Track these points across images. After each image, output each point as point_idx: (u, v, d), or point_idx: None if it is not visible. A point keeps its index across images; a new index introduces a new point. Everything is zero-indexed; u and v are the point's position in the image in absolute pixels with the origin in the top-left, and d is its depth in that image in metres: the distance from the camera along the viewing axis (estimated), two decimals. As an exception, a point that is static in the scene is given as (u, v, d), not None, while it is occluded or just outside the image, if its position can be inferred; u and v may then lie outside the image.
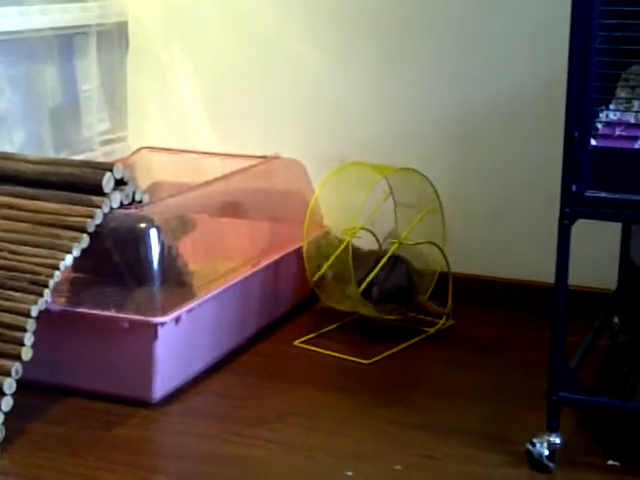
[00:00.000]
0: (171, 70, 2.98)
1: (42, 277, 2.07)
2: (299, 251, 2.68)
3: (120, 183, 2.24)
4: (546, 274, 2.15)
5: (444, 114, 2.73)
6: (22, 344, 2.00)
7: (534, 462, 1.92)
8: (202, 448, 2.02)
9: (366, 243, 2.69)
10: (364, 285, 2.53)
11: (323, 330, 2.61)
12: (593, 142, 1.82)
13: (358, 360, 2.43)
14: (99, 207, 2.17)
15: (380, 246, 2.73)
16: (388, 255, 2.57)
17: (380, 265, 2.54)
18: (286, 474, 1.94)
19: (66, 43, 2.81)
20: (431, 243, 2.62)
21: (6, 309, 2.04)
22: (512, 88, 2.65)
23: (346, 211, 2.57)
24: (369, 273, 2.54)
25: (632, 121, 1.84)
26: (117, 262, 2.21)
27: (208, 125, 2.97)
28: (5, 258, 2.12)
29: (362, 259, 2.58)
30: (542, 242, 2.58)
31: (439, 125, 2.74)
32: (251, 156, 2.80)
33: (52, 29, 2.71)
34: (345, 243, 2.55)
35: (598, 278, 2.58)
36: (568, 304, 1.88)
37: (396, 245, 2.60)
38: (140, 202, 2.29)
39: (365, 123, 2.81)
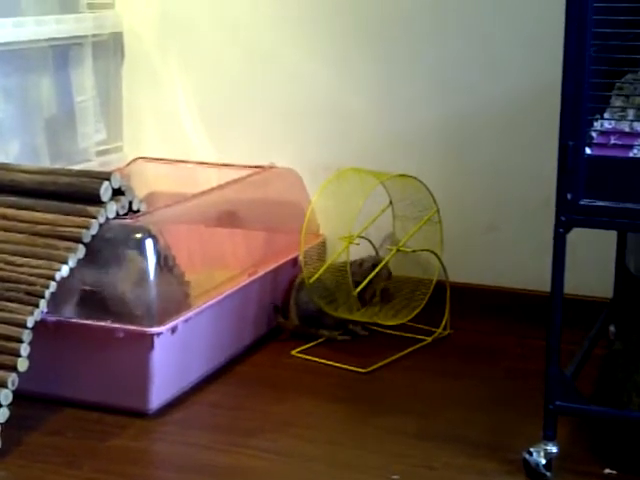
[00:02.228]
0: (167, 80, 2.98)
1: (38, 288, 2.07)
2: (296, 260, 2.68)
3: (118, 193, 2.24)
4: (542, 282, 2.15)
5: (440, 122, 2.73)
6: (18, 355, 2.00)
7: (531, 471, 1.92)
8: (199, 458, 2.02)
9: (363, 250, 2.69)
10: (360, 287, 2.52)
11: (320, 339, 2.61)
12: (588, 151, 1.82)
13: (355, 369, 2.43)
14: (95, 217, 2.17)
15: (377, 253, 2.73)
16: (386, 260, 2.58)
17: (377, 270, 2.55)
18: (283, 484, 1.95)
19: (61, 54, 2.81)
20: (429, 251, 2.62)
21: (2, 320, 2.04)
22: (509, 96, 2.66)
23: (343, 218, 2.57)
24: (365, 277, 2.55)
25: (627, 130, 1.84)
26: (113, 272, 2.21)
27: (204, 135, 2.97)
28: (1, 269, 2.12)
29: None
30: (538, 251, 2.58)
31: (435, 134, 2.74)
32: (247, 166, 2.81)
33: (47, 40, 2.71)
34: (342, 249, 2.55)
35: (594, 286, 2.58)
36: (564, 312, 1.88)
37: (394, 252, 2.60)
38: (137, 212, 2.29)
39: (361, 132, 2.81)
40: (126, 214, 2.26)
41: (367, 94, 2.79)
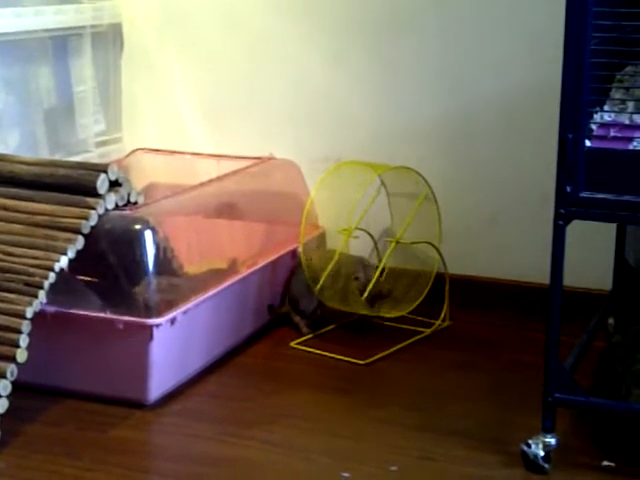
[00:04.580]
0: (166, 71, 2.98)
1: (37, 278, 2.07)
2: (295, 252, 2.68)
3: (115, 184, 2.24)
4: (541, 275, 2.15)
5: (440, 116, 2.73)
6: (17, 346, 2.00)
7: (529, 463, 1.92)
8: (198, 449, 2.02)
9: (362, 243, 2.69)
10: (370, 285, 2.52)
11: (320, 331, 2.61)
12: (588, 143, 1.82)
13: (355, 361, 2.43)
14: (94, 208, 2.17)
15: (376, 244, 2.73)
16: (387, 256, 2.57)
17: (381, 266, 2.55)
18: (282, 475, 1.94)
19: (61, 44, 2.81)
20: (428, 243, 2.62)
21: (1, 311, 2.04)
22: (508, 89, 2.65)
23: (342, 211, 2.57)
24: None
25: (627, 122, 1.84)
26: (112, 263, 2.21)
27: (203, 126, 2.97)
28: (0, 260, 2.12)
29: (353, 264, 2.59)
30: (537, 243, 2.58)
31: (435, 127, 2.74)
32: (246, 157, 2.80)
33: (47, 30, 2.71)
34: (344, 242, 2.55)
35: (593, 279, 2.58)
36: (563, 305, 1.88)
37: (393, 244, 2.60)
38: (135, 203, 2.29)
39: (360, 124, 2.81)
40: (125, 205, 2.26)
41: (367, 87, 2.79)
